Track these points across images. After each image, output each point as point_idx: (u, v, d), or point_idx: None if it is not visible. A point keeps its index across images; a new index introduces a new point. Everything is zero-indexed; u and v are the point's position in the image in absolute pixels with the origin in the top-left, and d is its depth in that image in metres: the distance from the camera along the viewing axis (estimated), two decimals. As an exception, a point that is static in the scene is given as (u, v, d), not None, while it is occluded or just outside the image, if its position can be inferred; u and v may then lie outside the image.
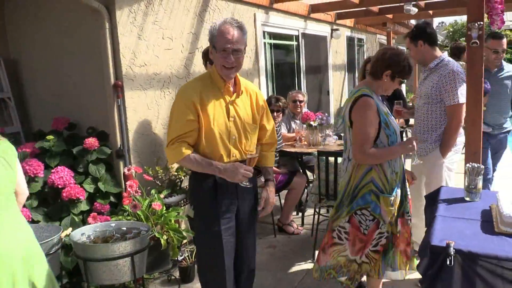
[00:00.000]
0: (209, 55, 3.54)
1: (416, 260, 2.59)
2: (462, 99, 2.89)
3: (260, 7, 5.28)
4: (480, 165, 2.36)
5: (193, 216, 2.26)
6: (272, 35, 5.86)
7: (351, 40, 8.80)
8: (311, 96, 7.07)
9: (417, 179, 2.88)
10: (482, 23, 2.58)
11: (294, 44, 6.52)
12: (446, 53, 3.17)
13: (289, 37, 6.38)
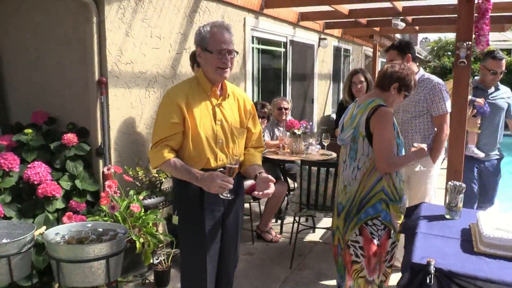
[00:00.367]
0: (195, 61, 3.53)
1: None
2: (449, 108, 3.07)
3: (250, 12, 5.27)
4: (461, 183, 2.39)
5: (177, 222, 2.21)
6: (260, 40, 5.85)
7: (337, 50, 8.87)
8: (296, 103, 7.08)
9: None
10: (470, 43, 2.62)
11: (282, 50, 6.53)
12: (422, 69, 3.30)
13: (278, 43, 6.39)
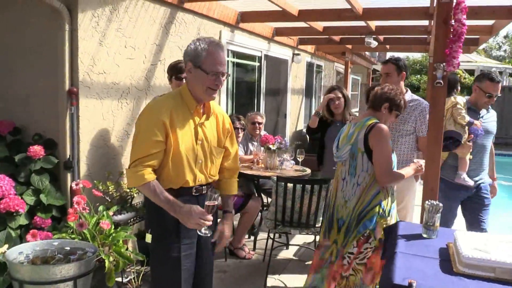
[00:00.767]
0: (175, 72, 3.41)
1: None
2: None
3: (226, 25, 5.24)
4: (438, 203, 2.40)
5: (150, 240, 2.11)
6: (236, 54, 5.83)
7: (310, 65, 8.96)
8: (269, 117, 7.07)
9: None
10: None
11: (256, 64, 6.53)
12: (409, 90, 3.39)
13: (252, 58, 6.38)
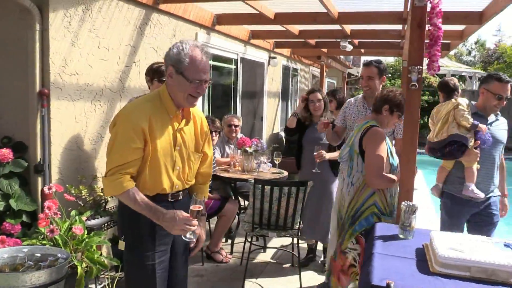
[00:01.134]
0: (157, 75, 3.29)
1: None
2: None
3: (202, 27, 5.20)
4: (414, 203, 2.42)
5: (123, 247, 2.04)
6: (211, 57, 5.78)
7: (286, 69, 9.01)
8: (245, 120, 7.05)
9: None
10: (421, 67, 2.70)
11: (233, 67, 6.50)
12: None
13: (229, 60, 6.36)
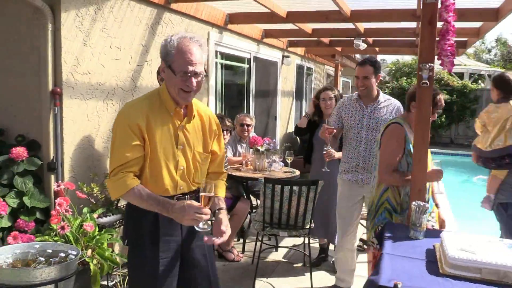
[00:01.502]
0: (160, 72, 3.38)
1: None
2: None
3: (214, 26, 5.21)
4: (425, 203, 2.38)
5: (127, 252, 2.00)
6: (224, 56, 5.80)
7: (300, 68, 8.97)
8: (259, 120, 7.05)
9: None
10: (432, 64, 2.65)
11: (245, 66, 6.50)
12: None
13: (241, 59, 6.36)
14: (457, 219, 5.14)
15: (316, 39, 6.88)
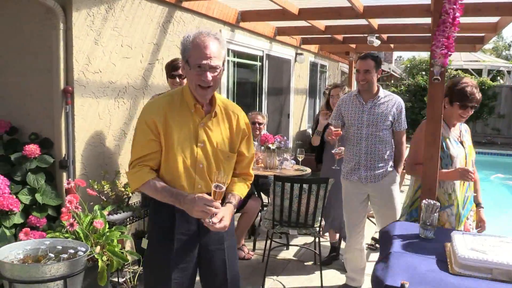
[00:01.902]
0: (168, 70, 3.42)
1: None
2: (406, 125, 3.32)
3: (226, 24, 5.21)
4: (436, 202, 2.34)
5: (146, 246, 2.01)
6: (236, 54, 5.79)
7: (314, 65, 8.91)
8: (271, 118, 7.03)
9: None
10: (444, 60, 2.60)
11: (258, 64, 6.49)
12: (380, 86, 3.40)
13: (254, 57, 6.34)
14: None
15: (329, 36, 6.82)
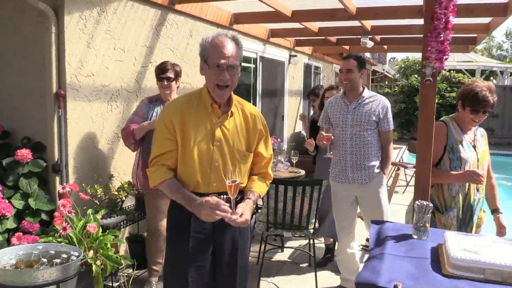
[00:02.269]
0: (157, 73, 3.35)
1: None
2: (393, 125, 3.31)
3: (220, 27, 5.21)
4: (429, 203, 2.35)
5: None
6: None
7: (308, 67, 8.93)
8: (266, 119, 6.99)
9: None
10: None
11: (252, 66, 6.49)
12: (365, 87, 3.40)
13: (248, 59, 6.35)
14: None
15: (323, 38, 6.84)
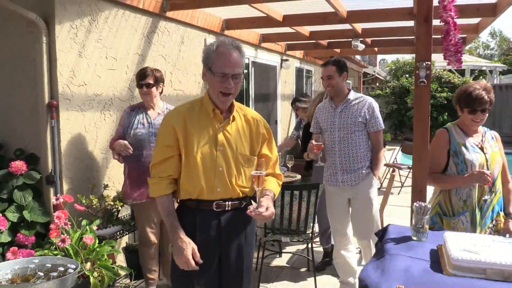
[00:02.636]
0: (137, 79, 3.32)
1: None
2: (382, 125, 3.27)
3: (211, 33, 5.21)
4: (427, 204, 2.35)
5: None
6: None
7: (300, 71, 8.95)
8: (260, 124, 7.02)
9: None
10: (429, 62, 2.63)
11: (244, 72, 6.49)
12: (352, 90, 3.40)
13: (240, 65, 6.34)
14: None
15: (314, 41, 6.86)
